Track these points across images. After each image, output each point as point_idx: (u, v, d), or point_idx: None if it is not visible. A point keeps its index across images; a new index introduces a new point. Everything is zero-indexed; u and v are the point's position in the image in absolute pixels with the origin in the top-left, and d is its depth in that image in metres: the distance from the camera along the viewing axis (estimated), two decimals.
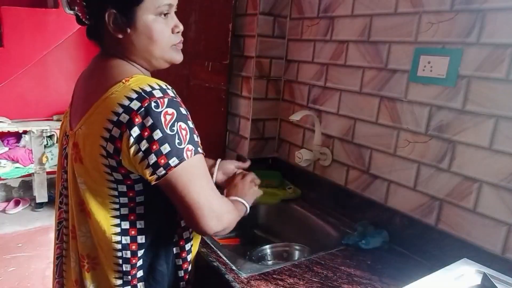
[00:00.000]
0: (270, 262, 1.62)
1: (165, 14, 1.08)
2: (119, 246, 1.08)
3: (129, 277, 1.12)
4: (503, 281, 1.13)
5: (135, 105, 0.96)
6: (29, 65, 4.01)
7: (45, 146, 4.27)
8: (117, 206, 1.06)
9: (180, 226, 1.18)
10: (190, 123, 1.02)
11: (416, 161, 1.53)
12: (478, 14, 1.32)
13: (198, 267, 1.41)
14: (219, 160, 1.54)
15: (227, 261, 1.40)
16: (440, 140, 1.45)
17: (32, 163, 4.21)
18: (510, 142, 1.26)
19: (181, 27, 1.13)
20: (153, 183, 1.00)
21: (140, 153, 0.97)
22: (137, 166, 0.99)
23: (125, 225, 1.08)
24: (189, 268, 1.25)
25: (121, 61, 1.10)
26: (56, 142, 4.29)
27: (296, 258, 1.62)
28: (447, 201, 1.44)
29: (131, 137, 0.96)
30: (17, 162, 4.15)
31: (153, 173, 0.98)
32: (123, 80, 1.02)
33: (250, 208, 1.38)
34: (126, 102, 0.97)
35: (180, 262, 1.22)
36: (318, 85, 1.98)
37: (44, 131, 4.20)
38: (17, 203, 4.37)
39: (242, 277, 1.31)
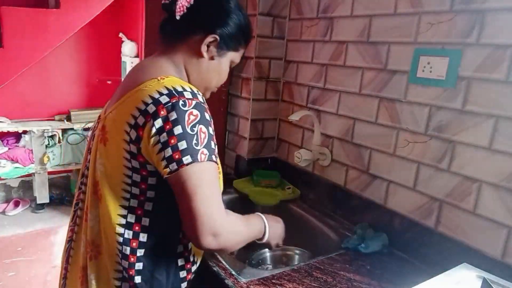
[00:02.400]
0: (269, 267, 1.61)
1: (231, 67, 1.28)
2: (120, 239, 1.09)
3: (127, 276, 1.11)
4: (503, 286, 1.12)
5: (164, 99, 1.02)
6: (30, 66, 4.00)
7: (46, 146, 4.26)
8: (127, 195, 1.09)
9: (186, 236, 1.16)
10: (211, 129, 1.06)
11: (416, 161, 1.52)
12: (477, 14, 1.31)
13: (197, 272, 1.40)
14: None
15: (227, 266, 1.40)
16: (439, 140, 1.44)
17: (32, 163, 4.20)
18: (509, 143, 1.26)
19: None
20: (165, 176, 1.02)
21: (159, 144, 1.00)
22: (154, 156, 1.02)
23: (131, 218, 1.09)
24: (191, 278, 1.25)
25: (172, 66, 1.18)
26: (58, 143, 4.30)
27: (295, 262, 1.62)
28: (446, 202, 1.44)
29: (154, 128, 1.00)
30: (17, 162, 4.14)
31: (166, 166, 1.01)
32: (159, 77, 1.08)
33: (249, 209, 1.38)
34: (156, 95, 1.03)
35: (185, 274, 1.21)
36: (317, 86, 1.97)
37: (45, 131, 4.20)
38: (16, 204, 4.32)
39: (242, 282, 1.30)
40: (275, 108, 2.25)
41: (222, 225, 1.04)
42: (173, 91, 1.03)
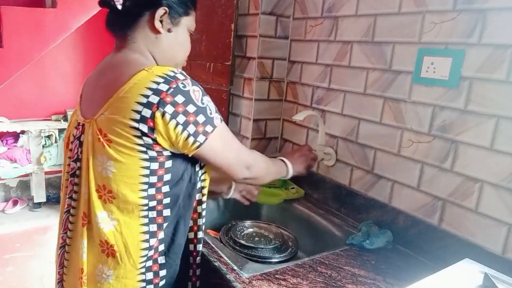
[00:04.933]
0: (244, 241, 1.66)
1: (190, 34, 1.30)
2: (146, 220, 1.14)
3: (153, 251, 1.17)
4: (504, 281, 1.14)
5: (164, 87, 1.05)
6: (28, 65, 4.00)
7: (43, 146, 4.27)
8: (145, 187, 1.11)
9: (195, 199, 1.26)
10: (209, 97, 1.16)
11: (420, 161, 1.53)
12: (479, 14, 1.32)
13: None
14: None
15: (228, 261, 1.39)
16: (443, 140, 1.45)
17: (30, 163, 4.21)
18: (510, 142, 1.27)
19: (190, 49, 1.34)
20: (192, 153, 1.12)
21: (180, 126, 1.06)
22: (178, 139, 1.08)
23: (153, 203, 1.13)
24: (198, 247, 1.32)
25: (138, 55, 1.19)
26: (55, 142, 4.29)
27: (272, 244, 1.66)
28: (449, 201, 1.45)
29: (167, 114, 1.04)
30: (15, 162, 4.15)
31: (195, 141, 1.10)
32: (146, 68, 1.10)
33: (252, 207, 1.42)
34: (154, 86, 1.05)
35: (192, 236, 1.30)
36: (322, 86, 1.97)
37: (42, 131, 4.20)
38: (15, 203, 4.37)
39: (244, 277, 1.30)
40: (278, 108, 2.25)
41: (252, 158, 1.31)
42: (168, 77, 1.07)
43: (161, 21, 1.19)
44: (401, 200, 1.61)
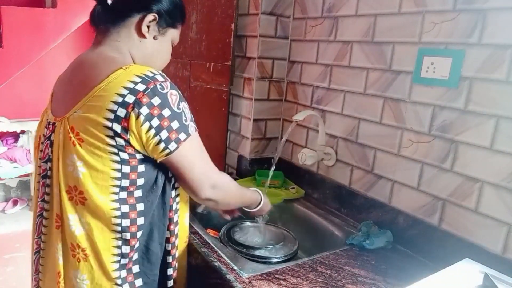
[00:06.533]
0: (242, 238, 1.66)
1: (172, 46, 1.31)
2: (118, 228, 1.11)
3: (127, 259, 1.14)
4: (504, 281, 1.14)
5: (141, 87, 1.03)
6: (28, 66, 4.01)
7: None
8: (117, 190, 1.08)
9: (172, 209, 1.23)
10: (187, 104, 1.14)
11: (420, 161, 1.53)
12: (479, 14, 1.32)
13: (198, 267, 1.41)
14: None
15: (228, 261, 1.39)
16: (443, 140, 1.45)
17: (30, 163, 4.21)
18: (510, 142, 1.27)
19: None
20: (161, 159, 1.09)
21: (152, 130, 1.04)
22: (148, 142, 1.05)
23: (125, 208, 1.10)
24: (176, 254, 1.29)
25: (117, 54, 1.17)
26: None
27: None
28: (449, 201, 1.45)
29: (141, 115, 1.02)
30: (15, 162, 4.15)
31: (165, 148, 1.07)
32: (124, 67, 1.08)
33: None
34: (131, 85, 1.03)
35: (169, 247, 1.26)
36: (322, 86, 1.97)
37: None
38: (15, 203, 4.37)
39: (244, 277, 1.30)
40: (279, 108, 2.25)
41: (219, 178, 1.22)
42: (146, 78, 1.05)
43: (148, 27, 1.18)
44: (401, 200, 1.61)
